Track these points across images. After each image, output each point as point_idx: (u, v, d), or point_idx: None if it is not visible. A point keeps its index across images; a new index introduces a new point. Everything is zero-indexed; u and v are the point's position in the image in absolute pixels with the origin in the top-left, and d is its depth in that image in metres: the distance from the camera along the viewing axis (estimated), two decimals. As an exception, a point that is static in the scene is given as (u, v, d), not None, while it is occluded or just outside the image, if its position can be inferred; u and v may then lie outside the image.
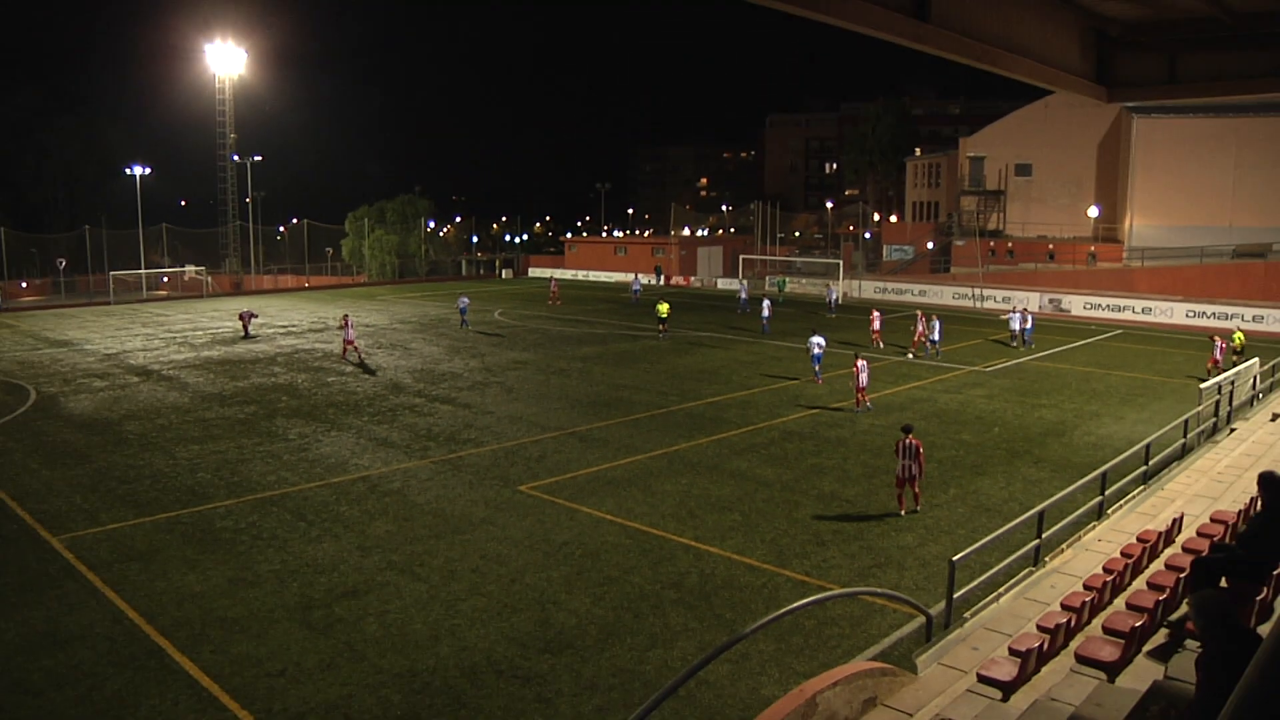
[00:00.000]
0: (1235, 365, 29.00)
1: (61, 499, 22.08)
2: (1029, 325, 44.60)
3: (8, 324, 62.07)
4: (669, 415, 29.52)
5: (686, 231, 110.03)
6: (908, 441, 19.72)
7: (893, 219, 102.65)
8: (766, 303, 49.59)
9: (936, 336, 41.32)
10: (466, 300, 55.37)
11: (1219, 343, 35.36)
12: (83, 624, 15.32)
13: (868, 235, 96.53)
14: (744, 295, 61.65)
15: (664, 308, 47.42)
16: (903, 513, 20.05)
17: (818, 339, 35.68)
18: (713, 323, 53.77)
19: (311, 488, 22.46)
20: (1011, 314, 45.52)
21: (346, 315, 44.35)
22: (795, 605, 10.55)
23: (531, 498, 21.33)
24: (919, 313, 46.54)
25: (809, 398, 32.01)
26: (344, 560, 17.74)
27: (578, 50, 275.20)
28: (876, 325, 45.24)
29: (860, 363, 30.03)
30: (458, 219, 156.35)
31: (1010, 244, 75.55)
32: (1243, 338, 37.66)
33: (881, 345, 43.16)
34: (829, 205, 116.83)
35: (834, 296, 60.11)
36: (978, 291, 63.34)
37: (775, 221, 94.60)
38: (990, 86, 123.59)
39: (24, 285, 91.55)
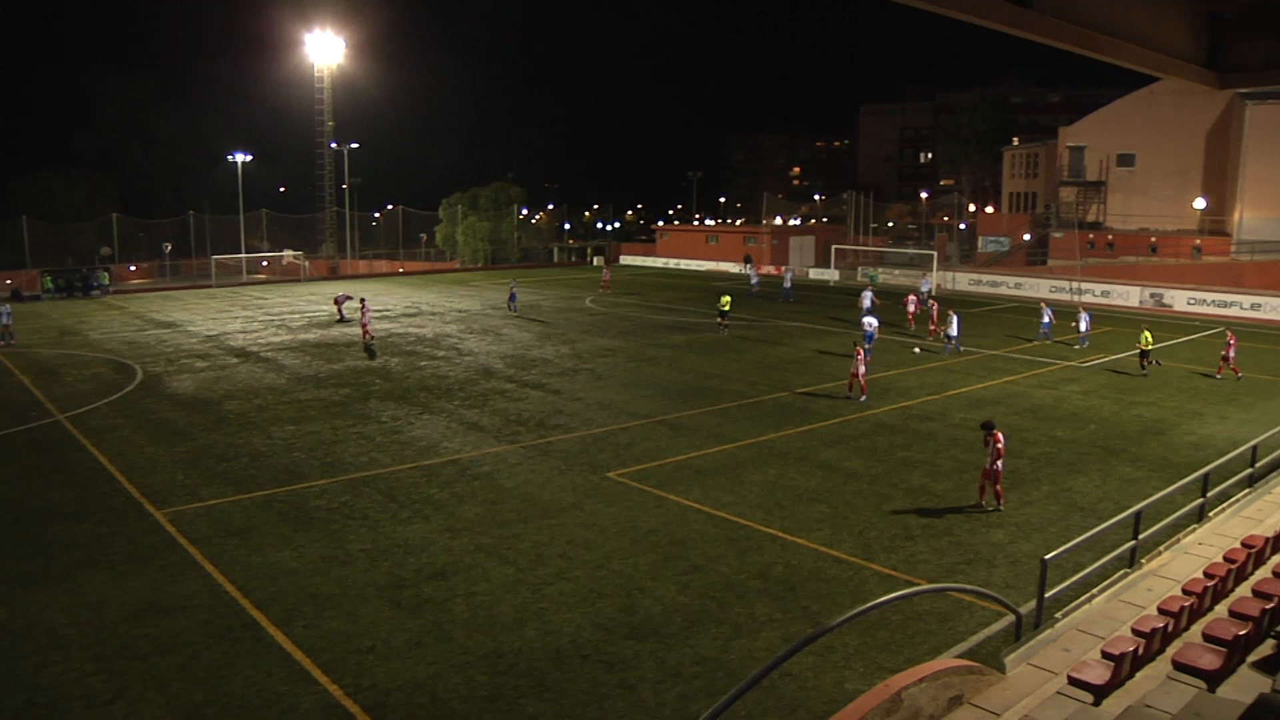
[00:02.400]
0: None
1: (165, 474, 22.82)
2: (1047, 319, 42.98)
3: (117, 305, 64.23)
4: (758, 405, 29.43)
5: (778, 220, 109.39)
6: (991, 437, 19.54)
7: (988, 210, 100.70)
8: (869, 294, 48.79)
9: (954, 332, 39.31)
10: (516, 286, 57.15)
11: None
12: (184, 595, 15.84)
13: (962, 226, 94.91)
14: (789, 284, 61.67)
15: (726, 300, 46.35)
16: (983, 503, 19.79)
17: (871, 319, 36.66)
18: (804, 313, 53.40)
19: (403, 470, 22.86)
20: (1080, 315, 43.52)
21: (363, 299, 46.00)
22: (882, 600, 10.47)
23: (619, 484, 21.45)
24: (912, 295, 46.11)
25: (901, 390, 31.63)
26: (433, 541, 18.05)
27: (671, 38, 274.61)
28: (911, 308, 44.87)
29: (860, 351, 30.68)
30: (550, 206, 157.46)
31: (1110, 236, 73.67)
32: None
33: (914, 327, 43.13)
34: (923, 195, 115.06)
35: (928, 288, 59.26)
36: (1075, 285, 61.92)
37: (868, 211, 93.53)
38: (1092, 74, 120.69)
39: (132, 268, 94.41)
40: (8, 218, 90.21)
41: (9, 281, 76.26)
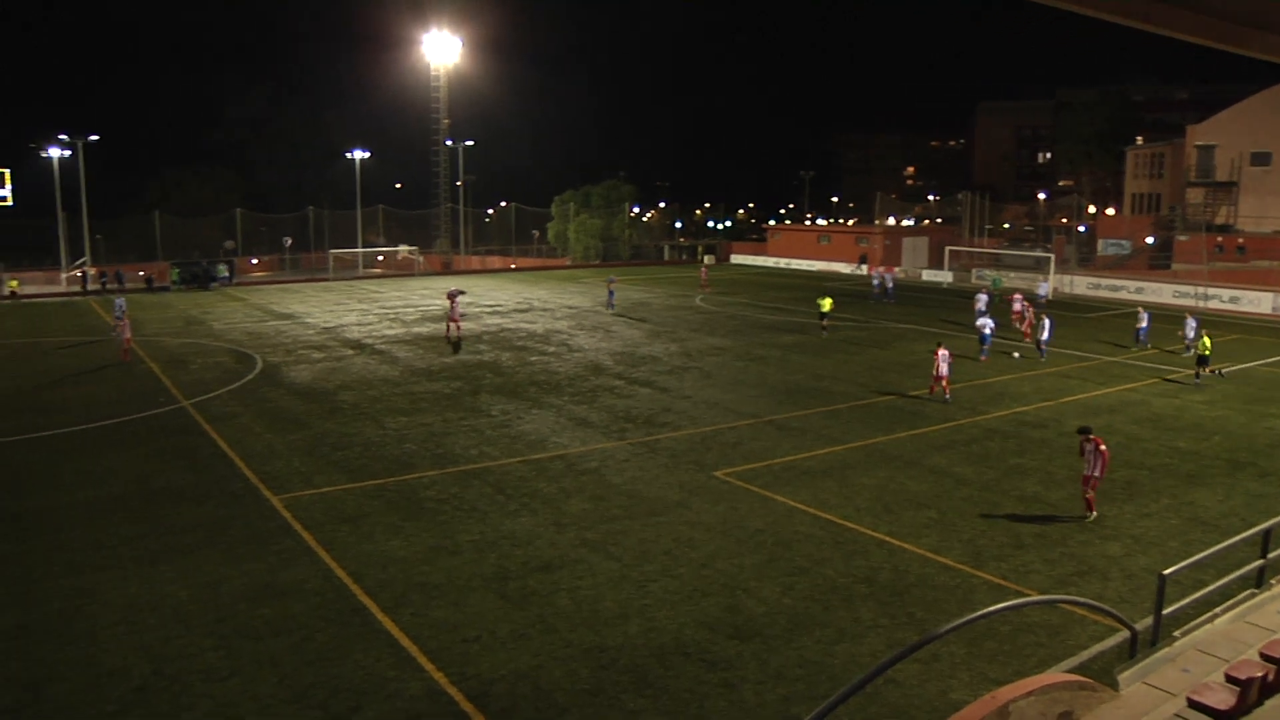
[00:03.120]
0: None
1: (282, 461, 23.51)
2: (1144, 324, 41.26)
3: (239, 297, 66.33)
4: (868, 407, 29.08)
5: (891, 221, 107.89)
6: (1088, 441, 19.01)
7: (1109, 211, 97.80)
8: (983, 296, 47.72)
9: (1046, 336, 37.77)
10: (614, 284, 57.28)
11: None
12: (298, 578, 16.30)
13: (1082, 228, 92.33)
14: (890, 285, 60.65)
15: (827, 302, 45.36)
16: (1092, 515, 19.26)
17: (988, 320, 36.98)
18: (915, 315, 52.57)
19: (512, 463, 23.16)
20: (1187, 320, 41.43)
21: (451, 293, 46.49)
22: (991, 609, 10.27)
23: (726, 484, 21.41)
24: (1018, 295, 44.65)
25: (1015, 396, 30.93)
26: (540, 535, 18.24)
27: (785, 35, 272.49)
28: (1017, 307, 43.68)
29: (942, 352, 30.28)
30: (661, 204, 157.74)
31: (1241, 240, 70.86)
32: None
33: (1024, 329, 41.76)
34: (1041, 196, 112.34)
35: (1044, 291, 57.82)
36: (1201, 290, 59.75)
37: (983, 212, 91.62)
38: (1222, 70, 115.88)
39: (254, 261, 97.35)
40: (141, 213, 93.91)
41: (141, 273, 79.36)
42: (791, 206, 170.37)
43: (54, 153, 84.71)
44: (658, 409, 28.76)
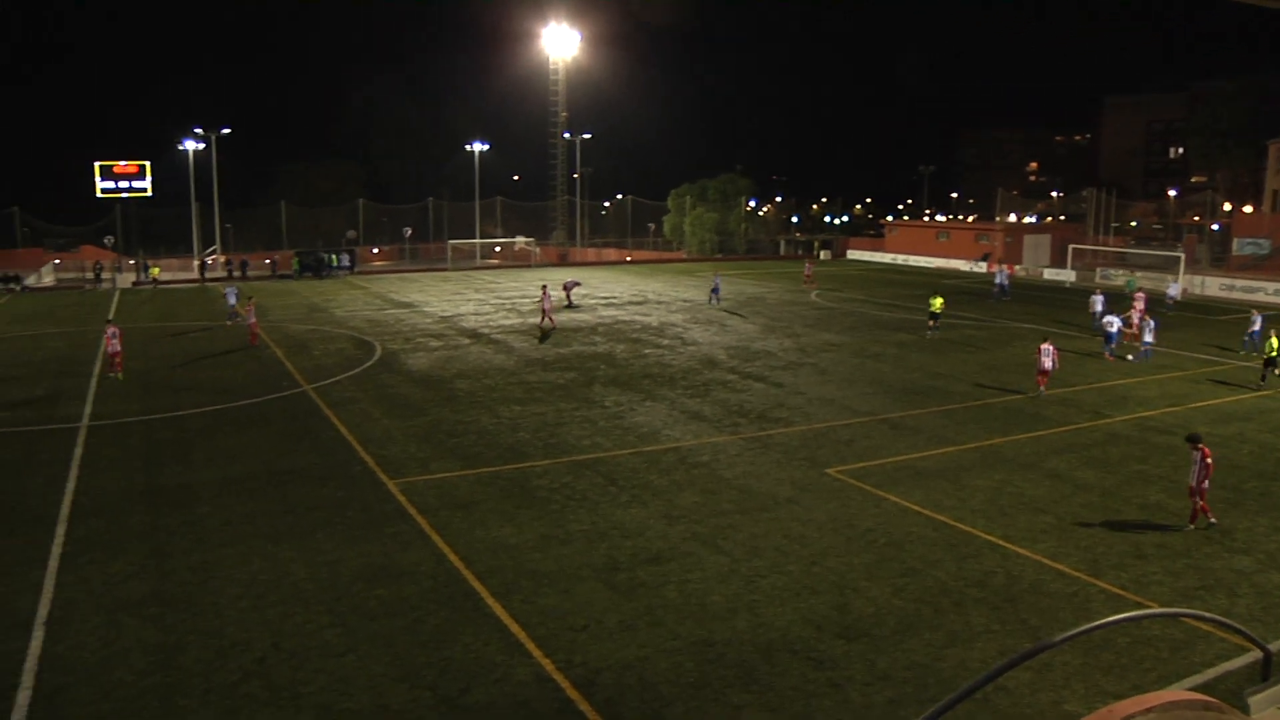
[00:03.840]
0: None
1: (398, 446, 24.06)
2: (1256, 327, 38.45)
3: (360, 285, 68.03)
4: (984, 408, 28.50)
5: (1013, 218, 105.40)
6: (1195, 450, 18.29)
7: (1247, 209, 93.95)
8: (1100, 297, 46.30)
9: (1150, 338, 36.25)
10: (720, 278, 56.92)
11: None
12: (411, 561, 16.68)
13: (1215, 227, 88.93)
14: (1005, 282, 58.96)
15: (937, 302, 43.45)
16: (1202, 522, 18.53)
17: (1114, 317, 36.05)
18: (1035, 314, 51.27)
19: (623, 455, 23.31)
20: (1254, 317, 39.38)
21: (545, 285, 47.14)
22: (1109, 620, 9.91)
23: (838, 481, 21.22)
24: (1140, 293, 42.76)
25: (1140, 400, 29.97)
26: (650, 527, 18.34)
27: (904, 28, 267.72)
28: (1140, 306, 42.05)
29: (1045, 346, 29.93)
30: (778, 198, 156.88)
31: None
32: None
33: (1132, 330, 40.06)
34: (1171, 193, 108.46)
35: (1174, 293, 55.89)
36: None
37: (1109, 209, 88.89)
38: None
39: (375, 250, 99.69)
40: (269, 203, 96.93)
41: (267, 261, 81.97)
42: (910, 202, 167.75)
43: (189, 145, 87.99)
44: (771, 404, 28.64)
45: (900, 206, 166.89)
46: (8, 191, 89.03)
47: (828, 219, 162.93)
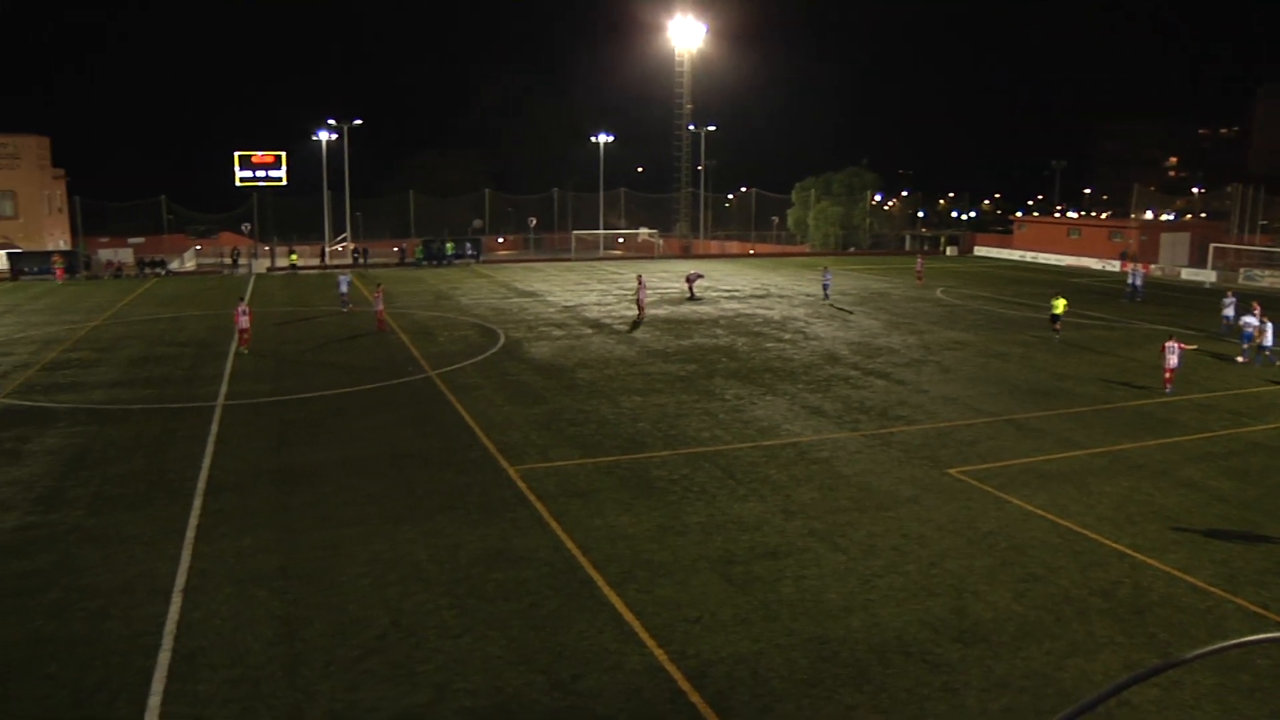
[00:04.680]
0: None
1: (519, 433, 24.40)
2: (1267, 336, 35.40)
3: (484, 274, 69.20)
4: (1114, 411, 27.58)
5: (1149, 214, 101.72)
6: None
7: None
8: (1232, 299, 44.21)
9: (1269, 341, 34.40)
10: (830, 273, 55.62)
11: None
12: (529, 547, 16.91)
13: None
14: (1139, 282, 56.52)
15: (1060, 303, 41.09)
16: None
17: (1251, 318, 34.73)
18: (1170, 316, 49.40)
19: (742, 448, 23.24)
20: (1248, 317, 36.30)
21: (640, 276, 48.10)
22: (1248, 639, 9.51)
23: (959, 482, 20.80)
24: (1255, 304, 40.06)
25: (1283, 408, 28.65)
26: (767, 521, 18.25)
27: (1037, 17, 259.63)
28: (1259, 308, 39.62)
29: (1170, 344, 29.36)
30: (904, 193, 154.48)
31: None
32: None
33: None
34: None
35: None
36: None
37: (1257, 206, 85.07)
38: None
39: (500, 240, 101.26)
40: (397, 192, 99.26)
41: (395, 249, 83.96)
42: (1040, 198, 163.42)
43: (323, 136, 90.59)
44: (893, 401, 28.21)
45: (1030, 202, 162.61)
46: (155, 180, 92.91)
47: (955, 214, 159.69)
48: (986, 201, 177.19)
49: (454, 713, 11.76)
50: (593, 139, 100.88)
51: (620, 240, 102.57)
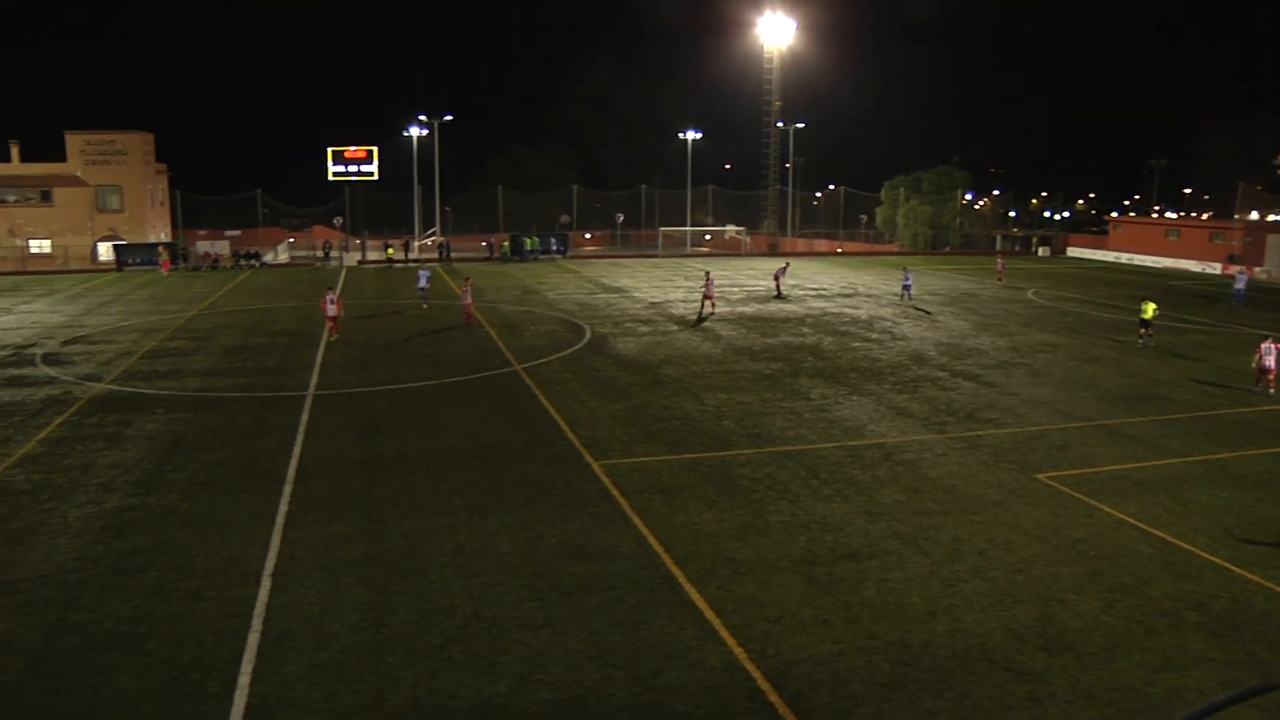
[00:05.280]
0: None
1: (604, 428, 24.51)
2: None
3: (571, 269, 69.60)
4: (1213, 419, 26.79)
5: (1254, 215, 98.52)
6: None
7: None
8: None
9: None
10: (911, 274, 54.19)
11: None
12: (611, 541, 16.98)
13: None
14: (1242, 287, 54.48)
15: (1150, 308, 38.99)
16: None
17: None
18: (1276, 321, 47.78)
19: (827, 448, 23.07)
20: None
21: (708, 272, 48.38)
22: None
23: (1048, 488, 20.40)
24: None
25: (1392, 419, 27.55)
26: (850, 522, 18.09)
27: (1136, 10, 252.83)
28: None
29: (1266, 345, 29.09)
30: (996, 192, 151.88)
31: None
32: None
33: None
34: None
35: None
36: None
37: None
38: None
39: (587, 235, 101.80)
40: (486, 187, 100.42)
41: (483, 244, 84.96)
42: (1138, 198, 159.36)
43: (414, 131, 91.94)
44: (981, 404, 27.77)
45: (1127, 202, 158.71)
46: (251, 174, 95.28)
47: (1047, 214, 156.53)
48: (1080, 201, 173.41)
49: (533, 704, 11.87)
50: (681, 136, 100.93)
51: (707, 237, 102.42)
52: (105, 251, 78.75)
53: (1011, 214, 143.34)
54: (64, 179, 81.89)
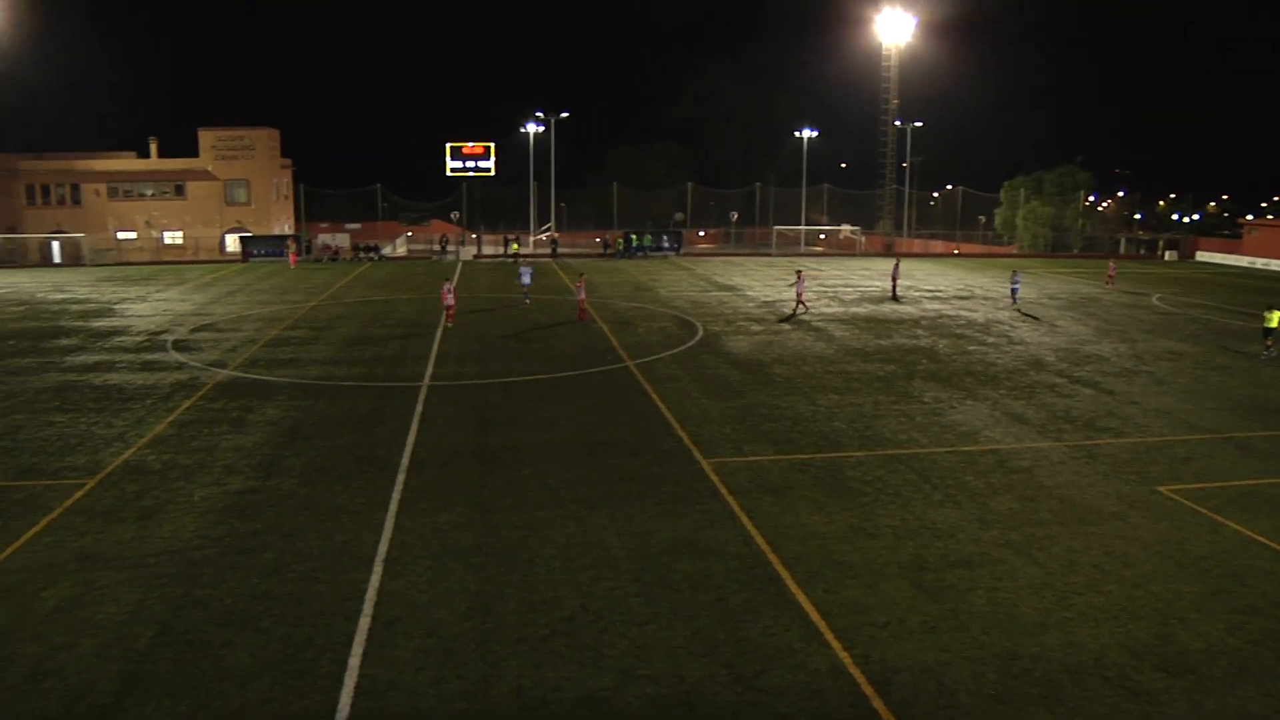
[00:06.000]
0: None
1: (714, 426, 24.49)
2: None
3: (685, 267, 69.66)
4: (1350, 435, 25.59)
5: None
6: None
7: None
8: None
9: None
10: (1020, 277, 52.75)
11: None
12: (719, 540, 16.96)
13: None
14: None
15: (1275, 317, 36.77)
16: None
17: None
18: None
19: (940, 452, 22.68)
20: None
21: (799, 271, 48.58)
22: None
23: (1170, 501, 19.72)
24: None
25: None
26: (961, 529, 17.76)
27: (1273, 4, 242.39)
28: None
29: None
30: (1120, 194, 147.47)
31: None
32: None
33: None
34: None
35: None
36: None
37: None
38: None
39: (701, 234, 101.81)
40: (601, 184, 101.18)
41: (597, 240, 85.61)
42: (1277, 199, 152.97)
43: (531, 128, 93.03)
44: (1100, 412, 26.98)
45: (1264, 205, 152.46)
46: (372, 170, 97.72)
47: (1175, 217, 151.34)
48: (1212, 204, 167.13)
49: (636, 699, 11.92)
50: (796, 134, 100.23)
51: (822, 237, 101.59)
52: (232, 243, 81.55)
53: (1137, 216, 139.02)
54: (196, 173, 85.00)
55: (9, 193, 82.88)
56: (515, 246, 77.66)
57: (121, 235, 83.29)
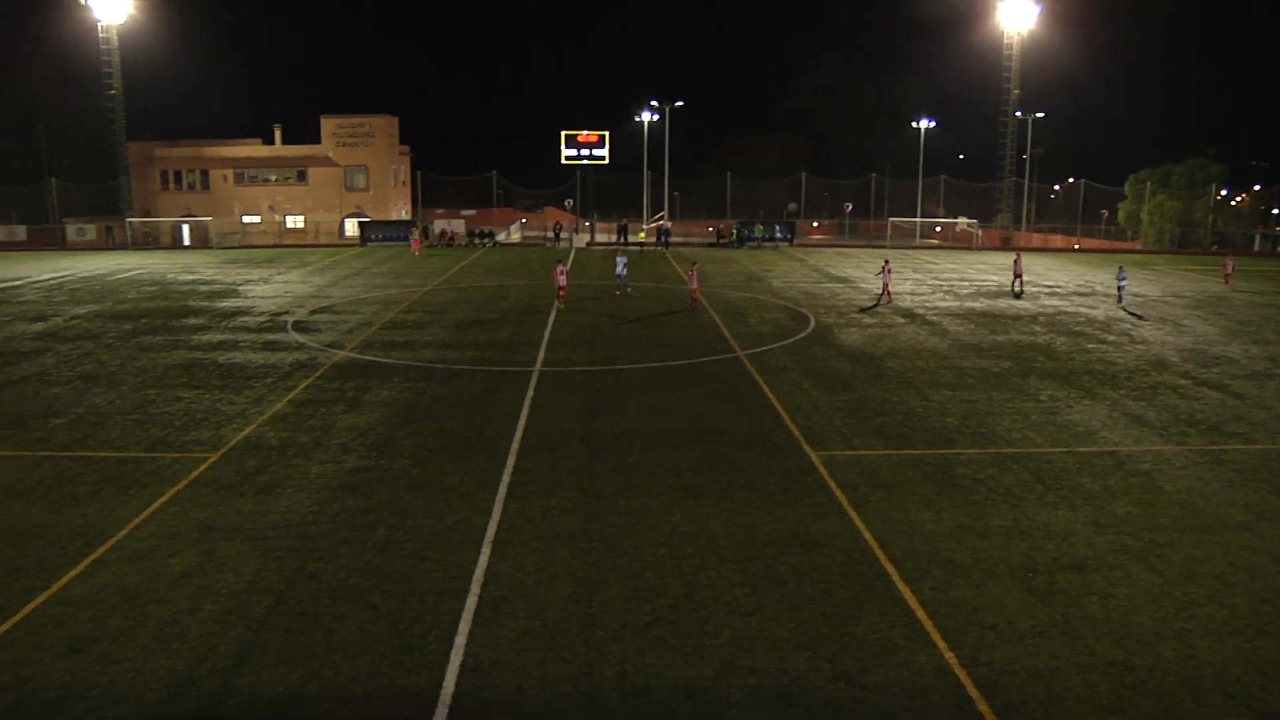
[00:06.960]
0: None
1: (824, 419, 24.29)
2: None
3: (798, 258, 69.18)
4: None
5: None
6: None
7: None
8: None
9: None
10: (1126, 274, 50.12)
11: None
12: (826, 533, 16.83)
13: None
14: None
15: None
16: None
17: None
18: None
19: (1055, 452, 22.14)
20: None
21: (886, 260, 49.11)
22: None
23: (1300, 510, 18.92)
24: None
25: None
26: (1075, 532, 17.32)
27: None
28: None
29: None
30: (1257, 187, 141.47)
31: None
32: None
33: None
34: None
35: None
36: None
37: None
38: None
39: (815, 224, 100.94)
40: (714, 173, 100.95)
41: (710, 229, 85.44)
42: None
43: (645, 117, 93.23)
44: (1227, 416, 25.99)
45: None
46: (489, 157, 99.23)
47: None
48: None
49: (738, 689, 11.92)
50: (913, 125, 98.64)
51: (937, 229, 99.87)
52: (351, 227, 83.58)
53: (1275, 211, 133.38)
54: (317, 159, 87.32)
55: (145, 178, 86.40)
56: (642, 235, 77.39)
57: (246, 219, 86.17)
